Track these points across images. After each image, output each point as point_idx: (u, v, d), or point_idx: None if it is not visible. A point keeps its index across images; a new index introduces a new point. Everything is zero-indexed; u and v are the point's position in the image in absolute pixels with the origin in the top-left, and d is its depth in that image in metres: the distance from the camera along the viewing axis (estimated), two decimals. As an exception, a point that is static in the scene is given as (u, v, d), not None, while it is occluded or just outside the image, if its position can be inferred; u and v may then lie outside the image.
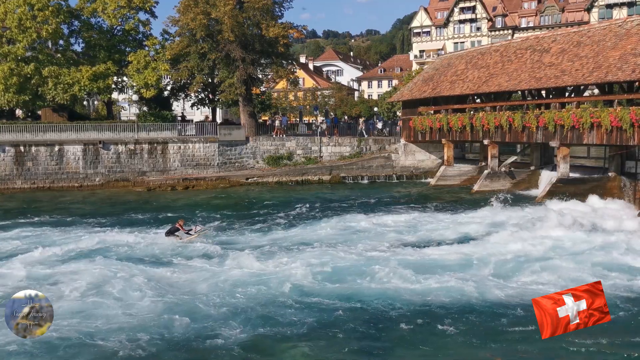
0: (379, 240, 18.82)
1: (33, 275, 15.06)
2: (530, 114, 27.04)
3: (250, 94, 41.11)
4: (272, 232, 20.64)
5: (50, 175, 34.34)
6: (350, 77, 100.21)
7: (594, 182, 25.51)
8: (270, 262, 16.04)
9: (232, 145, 37.19)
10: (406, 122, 37.29)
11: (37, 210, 26.05)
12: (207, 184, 34.64)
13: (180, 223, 18.96)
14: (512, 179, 30.11)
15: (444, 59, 40.16)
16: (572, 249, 16.75)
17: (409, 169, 37.03)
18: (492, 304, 12.66)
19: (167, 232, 18.87)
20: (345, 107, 71.35)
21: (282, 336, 11.20)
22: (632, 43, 23.15)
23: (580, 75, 24.42)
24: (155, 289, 13.73)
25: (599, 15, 67.53)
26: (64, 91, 36.97)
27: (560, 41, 27.91)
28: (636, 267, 15.01)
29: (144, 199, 30.43)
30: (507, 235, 18.46)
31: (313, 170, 36.39)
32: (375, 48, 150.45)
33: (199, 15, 36.66)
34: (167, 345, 10.87)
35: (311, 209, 25.49)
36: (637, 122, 21.42)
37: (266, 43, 38.96)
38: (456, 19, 78.42)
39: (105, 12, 38.56)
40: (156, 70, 37.95)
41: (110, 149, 35.24)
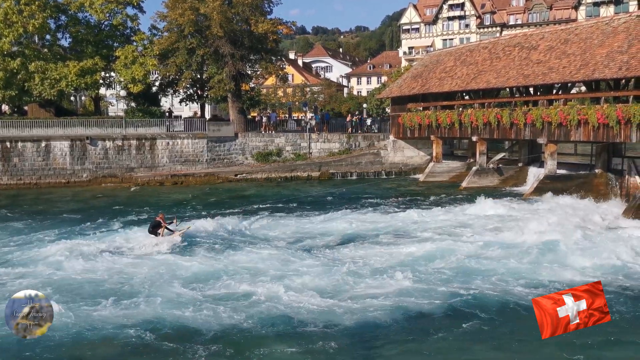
0: (367, 237, 18.80)
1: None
2: (518, 110, 27.19)
3: (239, 90, 40.97)
4: (258, 228, 20.53)
5: (37, 171, 34.01)
6: (339, 74, 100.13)
7: (581, 178, 25.73)
8: (249, 257, 16.08)
9: (221, 142, 37.05)
10: (395, 118, 37.37)
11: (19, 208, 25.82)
12: (195, 180, 34.51)
13: (161, 217, 18.37)
14: (500, 175, 30.28)
15: (432, 55, 40.27)
16: (558, 246, 16.76)
17: (398, 165, 37.11)
18: (491, 304, 12.57)
19: (150, 229, 18.29)
20: (334, 103, 71.29)
21: (259, 336, 11.09)
22: (619, 41, 23.34)
23: (567, 73, 24.59)
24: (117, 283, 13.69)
25: (586, 13, 68.01)
26: (51, 86, 36.63)
27: (548, 39, 28.08)
28: (621, 265, 15.13)
29: (132, 195, 30.26)
30: (498, 232, 18.53)
31: (302, 167, 36.36)
32: (364, 44, 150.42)
33: (187, 10, 36.45)
34: (143, 344, 10.80)
35: (299, 205, 25.48)
36: (623, 120, 21.62)
37: (255, 39, 38.84)
38: (445, 16, 78.66)
39: (92, 7, 38.20)
40: (144, 65, 37.67)
41: (98, 145, 34.96)
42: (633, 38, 22.75)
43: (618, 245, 16.52)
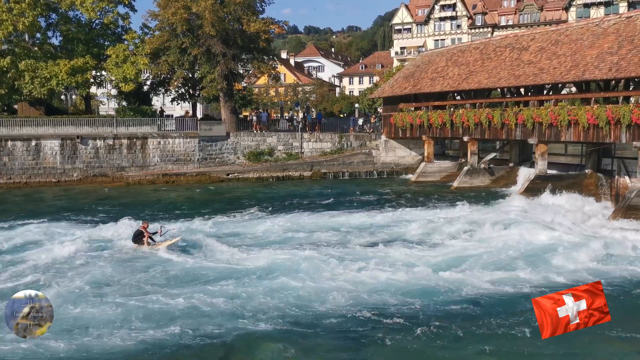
0: (357, 237, 18.82)
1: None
2: (509, 111, 27.32)
3: (231, 90, 40.88)
4: (248, 227, 20.51)
5: (27, 170, 33.79)
6: (331, 73, 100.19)
7: (571, 178, 25.89)
8: (240, 257, 16.06)
9: (212, 141, 36.97)
10: (387, 118, 37.44)
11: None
12: (187, 180, 34.42)
13: (144, 226, 17.75)
14: (491, 175, 30.42)
15: (424, 56, 40.37)
16: (548, 247, 16.85)
17: (390, 165, 37.18)
18: (491, 304, 12.58)
19: (133, 238, 17.72)
20: (326, 103, 71.29)
21: (250, 336, 11.07)
22: (609, 42, 23.51)
23: (558, 74, 24.74)
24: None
25: (576, 15, 68.45)
26: (41, 85, 36.38)
27: (539, 40, 28.23)
28: (614, 266, 15.24)
29: (121, 194, 30.10)
30: (492, 232, 18.59)
31: (294, 166, 36.35)
32: (356, 44, 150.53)
33: (179, 9, 36.31)
34: (143, 345, 10.76)
35: (292, 204, 25.49)
36: (613, 120, 21.78)
37: (247, 38, 38.78)
38: (437, 17, 78.91)
39: (83, 5, 37.92)
40: (135, 64, 37.48)
41: (89, 144, 34.78)
42: (623, 39, 22.93)
43: (608, 244, 16.63)
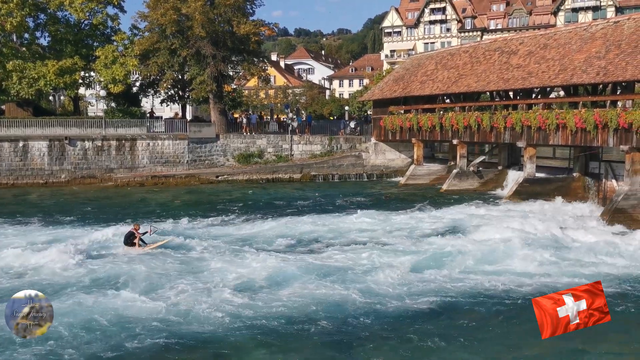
0: (350, 239, 18.83)
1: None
2: (498, 114, 27.49)
3: (221, 91, 40.78)
4: (236, 230, 20.45)
5: (14, 171, 33.46)
6: (321, 76, 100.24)
7: (559, 182, 26.11)
8: (228, 260, 16.00)
9: (202, 143, 36.83)
10: (377, 121, 37.52)
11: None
12: (176, 182, 34.25)
13: (136, 227, 17.73)
14: (480, 178, 30.56)
15: (414, 59, 40.52)
16: (537, 249, 16.94)
17: (380, 167, 37.26)
18: (491, 304, 12.59)
19: (125, 240, 17.63)
20: (316, 105, 71.37)
21: (239, 340, 11.00)
22: (597, 46, 23.72)
23: (546, 77, 24.92)
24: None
25: (565, 19, 69.06)
26: (29, 86, 36.07)
27: (528, 43, 28.43)
28: (605, 267, 15.36)
29: (110, 195, 29.93)
30: (485, 232, 18.67)
31: (284, 169, 36.32)
32: (346, 47, 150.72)
33: (169, 10, 36.22)
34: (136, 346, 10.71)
35: (281, 207, 25.44)
36: (600, 124, 21.97)
37: (237, 40, 38.72)
38: (427, 20, 79.25)
39: (72, 6, 37.61)
40: (124, 65, 37.27)
41: (77, 145, 34.53)
42: (610, 44, 23.14)
43: (596, 247, 16.77)
